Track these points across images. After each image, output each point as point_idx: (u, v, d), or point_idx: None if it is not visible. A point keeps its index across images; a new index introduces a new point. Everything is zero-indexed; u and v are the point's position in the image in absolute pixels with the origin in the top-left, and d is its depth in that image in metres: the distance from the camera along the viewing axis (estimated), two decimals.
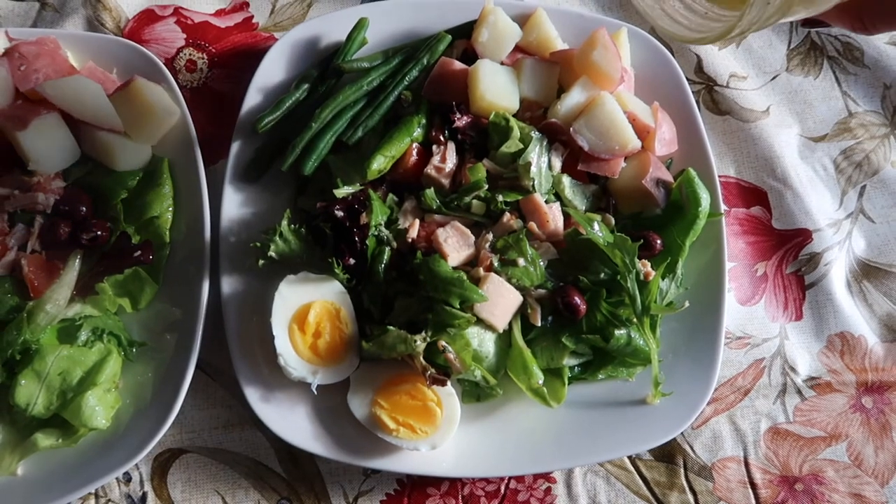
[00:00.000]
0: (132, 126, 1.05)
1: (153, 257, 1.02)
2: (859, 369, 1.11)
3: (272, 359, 0.96)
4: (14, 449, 0.96)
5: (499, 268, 0.98)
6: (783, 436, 1.08)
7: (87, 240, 1.00)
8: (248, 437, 1.05)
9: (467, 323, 0.94)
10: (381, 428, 0.95)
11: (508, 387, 1.00)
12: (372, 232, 0.99)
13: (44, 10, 1.21)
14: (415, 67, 1.09)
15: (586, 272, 1.00)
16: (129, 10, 1.21)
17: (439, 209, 1.02)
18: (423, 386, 0.96)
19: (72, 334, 0.97)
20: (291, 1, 1.24)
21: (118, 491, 1.03)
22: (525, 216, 1.01)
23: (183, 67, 1.19)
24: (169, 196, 1.05)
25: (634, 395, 1.02)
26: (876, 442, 1.08)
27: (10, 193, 1.01)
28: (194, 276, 1.02)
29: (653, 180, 1.03)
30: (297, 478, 1.04)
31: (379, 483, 1.04)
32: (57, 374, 0.94)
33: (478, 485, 1.04)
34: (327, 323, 0.97)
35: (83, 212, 1.02)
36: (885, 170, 1.21)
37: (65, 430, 0.96)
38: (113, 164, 1.05)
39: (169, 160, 1.07)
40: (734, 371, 1.10)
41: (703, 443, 1.07)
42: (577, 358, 1.02)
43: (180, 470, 1.04)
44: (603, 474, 1.05)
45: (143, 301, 1.02)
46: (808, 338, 1.13)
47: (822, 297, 1.15)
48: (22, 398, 0.93)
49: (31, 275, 0.98)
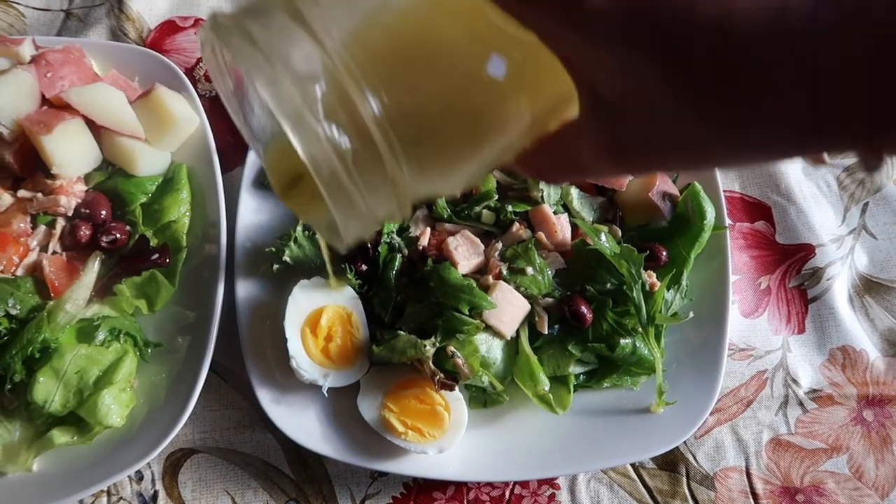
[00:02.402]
0: (152, 133, 1.08)
1: (170, 260, 1.04)
2: (860, 383, 1.13)
3: (284, 362, 0.99)
4: (30, 445, 0.98)
5: (507, 276, 1.00)
6: (785, 447, 1.10)
7: (106, 242, 1.03)
8: (259, 438, 1.07)
9: (476, 329, 0.97)
10: (389, 431, 0.97)
11: (515, 393, 1.02)
12: (384, 239, 1.01)
13: (69, 20, 1.25)
14: None
15: (593, 282, 1.02)
16: (152, 21, 1.24)
17: (450, 218, 1.04)
18: (432, 390, 0.97)
19: (90, 334, 0.99)
20: None
21: (130, 489, 1.05)
22: (534, 226, 1.04)
23: (202, 77, 1.22)
24: (187, 201, 1.08)
25: (639, 403, 1.04)
26: (876, 455, 1.10)
27: (33, 196, 1.04)
28: (209, 280, 1.05)
29: (659, 193, 1.06)
30: (305, 479, 1.06)
31: (385, 486, 1.06)
32: (74, 372, 0.97)
33: (483, 489, 1.06)
34: (339, 327, 0.99)
35: (103, 215, 1.05)
36: (888, 187, 1.24)
37: (80, 428, 0.98)
38: (133, 170, 1.07)
39: (187, 166, 1.10)
40: (737, 382, 1.12)
41: (706, 452, 1.09)
42: (582, 366, 1.03)
43: (191, 469, 1.05)
44: (606, 482, 1.07)
45: (159, 303, 1.05)
46: (811, 351, 1.15)
47: (824, 311, 1.16)
48: (40, 395, 0.95)
49: (52, 275, 1.00)
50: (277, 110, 0.33)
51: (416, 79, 0.35)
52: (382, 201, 0.37)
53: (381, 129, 0.34)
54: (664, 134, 0.33)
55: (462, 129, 0.37)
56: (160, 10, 1.26)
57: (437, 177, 0.38)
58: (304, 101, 0.33)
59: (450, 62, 0.35)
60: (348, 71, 0.33)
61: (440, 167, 0.38)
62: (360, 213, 0.36)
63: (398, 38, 0.35)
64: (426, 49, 0.35)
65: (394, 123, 0.34)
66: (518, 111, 0.37)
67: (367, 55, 0.34)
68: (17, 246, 1.02)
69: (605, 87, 0.33)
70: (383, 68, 0.34)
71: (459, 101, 0.36)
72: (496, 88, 0.35)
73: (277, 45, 0.34)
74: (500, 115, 0.37)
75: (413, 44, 0.35)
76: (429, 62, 0.35)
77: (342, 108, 0.33)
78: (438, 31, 0.35)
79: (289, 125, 0.33)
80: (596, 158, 0.37)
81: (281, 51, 0.33)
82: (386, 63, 0.34)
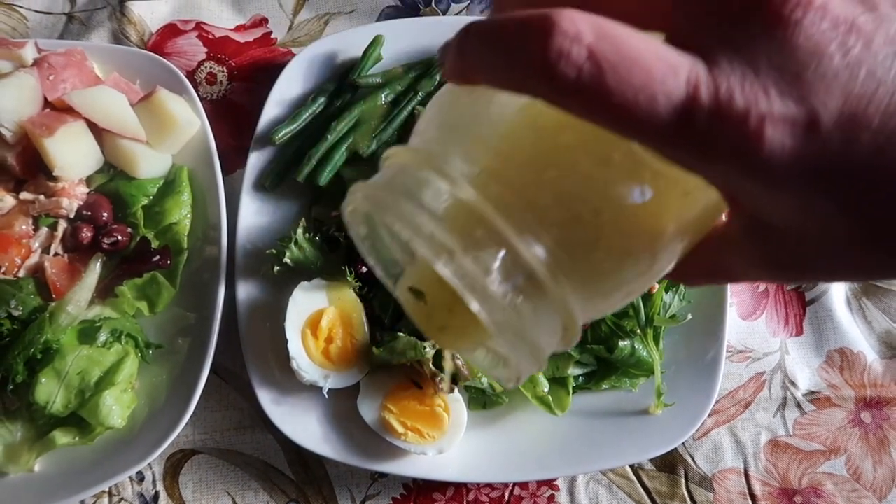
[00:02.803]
0: (154, 135, 1.09)
1: (171, 262, 1.05)
2: (858, 385, 1.14)
3: (284, 363, 0.99)
4: (32, 446, 0.98)
5: None
6: (783, 448, 1.10)
7: (108, 244, 1.03)
8: (259, 439, 1.07)
9: None
10: (389, 432, 0.97)
11: (514, 395, 1.03)
12: None
13: (70, 23, 1.26)
14: (428, 83, 1.13)
15: None
16: (153, 24, 1.25)
17: None
18: (432, 392, 0.98)
19: (91, 335, 1.00)
20: (309, 18, 1.28)
21: (131, 490, 1.05)
22: None
23: (203, 80, 1.23)
24: (188, 203, 1.09)
25: (637, 405, 1.04)
26: (874, 457, 1.10)
27: (35, 198, 1.05)
28: (210, 282, 1.05)
29: None
30: (305, 480, 1.06)
31: (385, 487, 1.06)
32: (76, 373, 0.97)
33: (482, 491, 1.06)
34: (339, 329, 1.00)
35: (105, 217, 1.05)
36: None
37: (82, 429, 0.98)
38: (134, 172, 1.08)
39: (189, 169, 1.11)
40: (735, 384, 1.13)
41: (704, 454, 1.09)
42: (581, 368, 1.04)
43: (192, 470, 1.06)
44: (605, 483, 1.07)
45: (160, 305, 1.05)
46: (808, 353, 1.15)
47: (822, 314, 1.17)
48: (42, 396, 0.96)
49: (54, 277, 1.01)
50: (455, 283, 0.34)
51: (574, 219, 0.36)
52: (550, 336, 0.38)
53: (554, 277, 0.35)
54: (830, 258, 0.32)
55: (623, 261, 0.38)
56: (162, 13, 1.26)
57: (604, 306, 0.40)
58: (480, 270, 0.35)
59: (602, 197, 0.36)
60: (518, 226, 0.35)
61: (605, 298, 0.39)
62: (533, 350, 0.38)
63: (551, 187, 0.36)
64: (575, 189, 0.36)
65: (561, 266, 0.35)
66: (670, 234, 0.38)
67: (525, 202, 0.35)
68: (19, 248, 1.02)
69: (768, 217, 0.32)
70: (546, 218, 0.35)
71: (615, 236, 0.36)
72: (648, 212, 0.36)
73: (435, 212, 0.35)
74: (650, 241, 0.37)
75: (564, 191, 0.36)
76: (580, 200, 0.36)
77: (515, 267, 0.35)
78: (580, 168, 0.36)
79: (468, 294, 0.35)
80: (748, 269, 0.37)
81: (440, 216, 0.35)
82: (549, 214, 0.35)
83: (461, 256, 0.35)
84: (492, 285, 0.35)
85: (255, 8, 1.28)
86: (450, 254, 0.35)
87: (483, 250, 0.35)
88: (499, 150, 0.36)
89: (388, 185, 0.38)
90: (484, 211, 0.34)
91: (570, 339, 0.39)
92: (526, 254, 0.35)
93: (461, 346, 0.46)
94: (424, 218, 0.35)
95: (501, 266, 0.35)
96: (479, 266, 0.35)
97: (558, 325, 0.38)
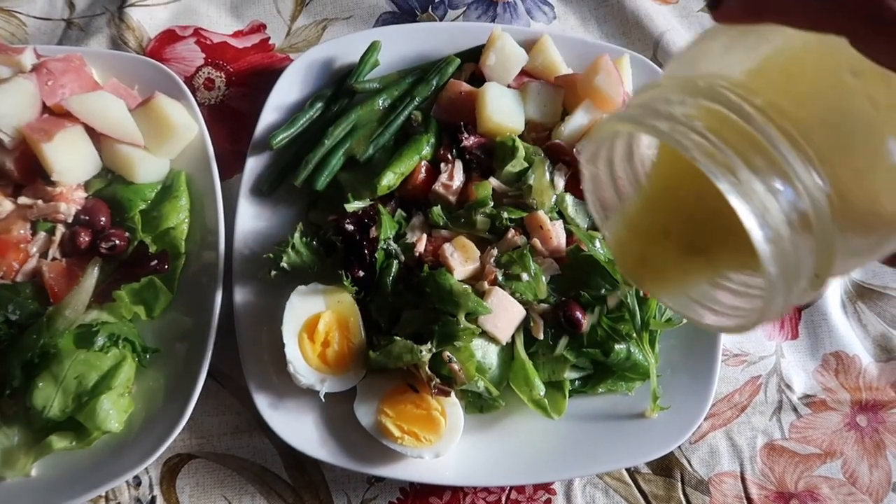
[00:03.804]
0: (152, 140, 1.09)
1: (168, 267, 1.05)
2: (853, 388, 1.14)
3: (281, 367, 0.99)
4: (29, 450, 0.98)
5: (503, 282, 1.01)
6: (779, 452, 1.10)
7: (105, 248, 1.03)
8: (256, 443, 1.07)
9: (472, 335, 0.97)
10: (386, 436, 0.97)
11: (510, 398, 1.03)
12: (381, 246, 1.02)
13: (69, 29, 1.26)
14: (425, 89, 1.13)
15: (587, 287, 1.03)
16: (152, 30, 1.26)
17: (446, 225, 1.05)
18: (428, 395, 0.98)
19: (88, 339, 1.00)
20: (307, 24, 1.29)
21: (128, 494, 1.05)
22: (529, 233, 1.05)
23: (201, 85, 1.24)
24: (185, 208, 1.09)
25: (633, 408, 1.05)
26: (870, 460, 1.10)
27: (33, 203, 1.05)
28: (208, 286, 1.06)
29: None
30: (302, 485, 1.06)
31: (382, 492, 1.06)
32: (73, 377, 0.97)
33: (479, 495, 1.06)
34: (336, 333, 1.00)
35: (102, 222, 1.06)
36: None
37: (79, 433, 0.99)
38: (132, 177, 1.09)
39: (186, 174, 1.11)
40: (731, 387, 1.13)
41: (701, 457, 1.09)
42: (577, 371, 1.04)
43: (189, 475, 1.06)
44: (602, 487, 1.08)
45: (157, 309, 1.06)
46: (804, 356, 1.16)
47: (817, 317, 1.17)
48: (39, 400, 0.96)
49: (52, 281, 1.01)
50: (740, 207, 0.35)
51: (852, 167, 0.37)
52: (803, 280, 0.39)
53: (832, 216, 0.36)
54: None
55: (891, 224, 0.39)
56: (160, 19, 1.27)
57: (850, 263, 0.40)
58: (771, 196, 0.36)
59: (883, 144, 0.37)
60: (804, 160, 0.36)
61: (854, 255, 0.40)
62: (790, 289, 0.38)
63: (834, 129, 0.37)
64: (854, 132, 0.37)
65: (834, 209, 0.36)
66: None
67: (807, 139, 0.36)
68: (17, 252, 1.02)
69: None
70: (828, 159, 0.36)
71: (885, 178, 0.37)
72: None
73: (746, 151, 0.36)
74: None
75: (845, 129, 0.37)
76: (861, 144, 0.37)
77: (799, 199, 0.36)
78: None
79: (751, 220, 0.35)
80: None
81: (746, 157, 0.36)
82: (831, 157, 0.36)
83: (751, 180, 0.35)
84: (776, 214, 0.35)
85: (253, 14, 1.29)
86: (736, 176, 0.35)
87: (765, 177, 0.35)
88: (777, 84, 0.38)
89: (680, 99, 0.39)
90: (772, 138, 0.35)
91: (818, 287, 0.40)
92: (813, 188, 0.35)
93: (655, 289, 0.49)
94: (708, 138, 0.36)
95: (783, 196, 0.35)
96: (770, 192, 0.35)
97: (811, 271, 0.38)
